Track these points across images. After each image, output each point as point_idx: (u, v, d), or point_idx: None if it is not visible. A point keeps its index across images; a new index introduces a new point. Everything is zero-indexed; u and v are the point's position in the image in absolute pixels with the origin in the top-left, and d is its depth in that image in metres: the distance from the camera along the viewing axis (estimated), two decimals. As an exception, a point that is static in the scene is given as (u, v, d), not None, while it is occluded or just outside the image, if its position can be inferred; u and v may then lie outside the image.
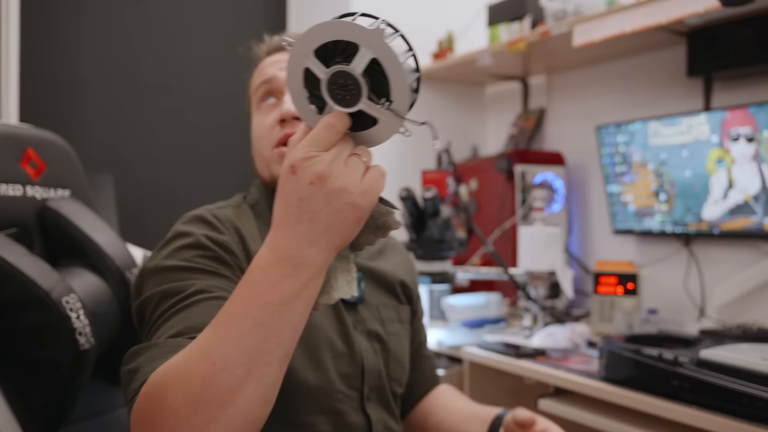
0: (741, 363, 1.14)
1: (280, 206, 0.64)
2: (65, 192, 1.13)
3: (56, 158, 1.12)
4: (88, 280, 1.05)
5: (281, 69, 1.02)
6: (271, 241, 0.64)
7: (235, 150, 2.77)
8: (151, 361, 0.71)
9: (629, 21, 1.76)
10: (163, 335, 0.77)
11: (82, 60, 2.49)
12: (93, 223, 1.11)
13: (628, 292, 1.83)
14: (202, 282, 0.83)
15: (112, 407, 1.13)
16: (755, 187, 1.79)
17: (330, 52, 0.64)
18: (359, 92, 0.63)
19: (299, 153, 0.62)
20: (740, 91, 1.93)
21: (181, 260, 0.86)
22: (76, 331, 0.95)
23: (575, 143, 2.44)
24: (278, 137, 0.99)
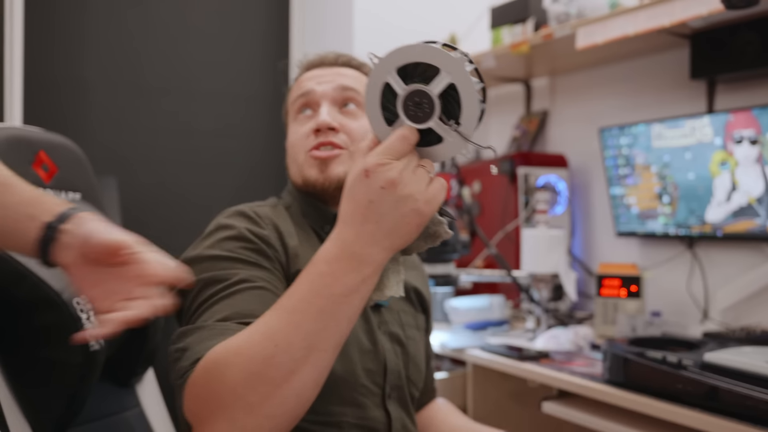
0: (745, 366, 1.14)
1: (350, 206, 0.69)
2: (76, 195, 1.14)
3: (67, 161, 1.14)
4: None
5: (318, 83, 1.06)
6: (337, 236, 0.70)
7: (237, 152, 2.77)
8: (201, 341, 0.76)
9: (632, 23, 1.76)
10: (209, 319, 0.80)
11: (85, 63, 2.49)
12: None
13: (632, 295, 1.83)
14: (244, 272, 0.87)
15: (120, 409, 1.13)
16: (759, 189, 1.79)
17: (410, 72, 0.71)
18: (432, 111, 0.70)
19: (374, 159, 0.68)
20: (744, 94, 1.93)
21: (224, 250, 0.90)
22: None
23: (578, 145, 2.44)
24: (312, 144, 1.03)
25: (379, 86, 0.72)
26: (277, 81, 2.82)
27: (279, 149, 2.88)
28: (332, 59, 1.11)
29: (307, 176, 1.03)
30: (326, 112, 1.03)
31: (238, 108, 2.79)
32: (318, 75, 1.08)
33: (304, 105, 1.07)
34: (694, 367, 1.21)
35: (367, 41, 2.61)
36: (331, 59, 1.11)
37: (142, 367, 1.16)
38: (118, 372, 1.12)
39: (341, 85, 1.05)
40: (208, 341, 0.75)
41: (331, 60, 1.10)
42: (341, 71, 1.09)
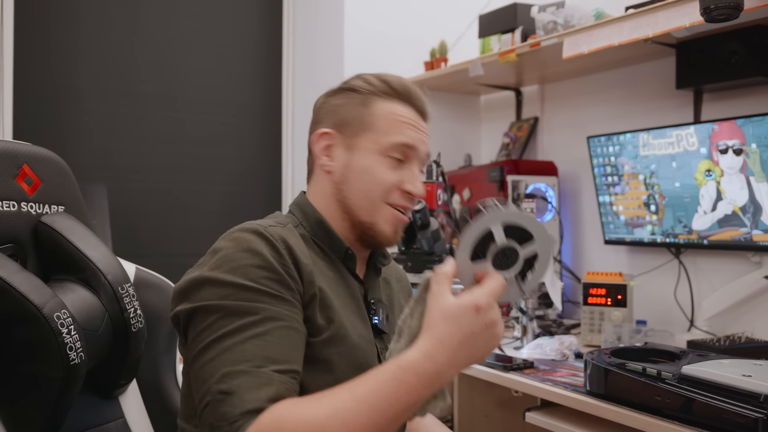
0: (722, 379, 1.15)
1: (452, 329, 0.80)
2: (60, 208, 1.14)
3: (51, 175, 1.13)
4: (80, 295, 1.06)
5: (422, 142, 1.05)
6: (431, 354, 0.79)
7: (228, 159, 2.78)
8: (249, 390, 0.78)
9: (617, 34, 1.77)
10: (243, 360, 0.81)
11: (77, 72, 2.50)
12: (86, 239, 1.12)
13: (617, 303, 1.84)
14: (270, 307, 0.87)
15: (103, 421, 1.13)
16: (743, 198, 1.80)
17: (510, 229, 0.86)
18: (512, 265, 0.87)
19: (486, 300, 0.81)
20: (730, 104, 1.94)
21: (248, 279, 0.87)
22: (66, 345, 0.96)
23: (567, 153, 2.45)
24: (398, 202, 1.03)
25: (483, 229, 0.85)
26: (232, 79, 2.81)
27: (269, 156, 2.91)
28: (427, 112, 1.09)
29: (381, 230, 1.03)
30: (420, 181, 1.05)
31: (229, 115, 2.80)
32: (417, 124, 1.05)
33: (401, 153, 1.03)
34: (673, 379, 1.22)
35: (357, 49, 2.62)
36: (426, 111, 1.09)
37: (125, 378, 1.16)
38: (101, 384, 1.12)
39: (428, 153, 1.08)
40: (257, 391, 0.78)
41: (426, 112, 1.09)
42: (428, 130, 1.09)
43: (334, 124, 1.05)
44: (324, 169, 1.05)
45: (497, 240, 0.85)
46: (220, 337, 0.84)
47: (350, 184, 1.02)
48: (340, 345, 0.95)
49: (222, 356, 0.82)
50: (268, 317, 0.85)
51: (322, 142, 1.05)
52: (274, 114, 2.90)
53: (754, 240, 1.79)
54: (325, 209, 1.04)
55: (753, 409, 1.07)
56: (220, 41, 2.78)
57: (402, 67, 2.68)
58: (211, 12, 2.76)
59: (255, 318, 0.85)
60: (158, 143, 2.65)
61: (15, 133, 2.30)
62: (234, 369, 0.80)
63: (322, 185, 1.05)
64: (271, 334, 0.84)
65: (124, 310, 1.09)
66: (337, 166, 1.04)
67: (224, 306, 0.86)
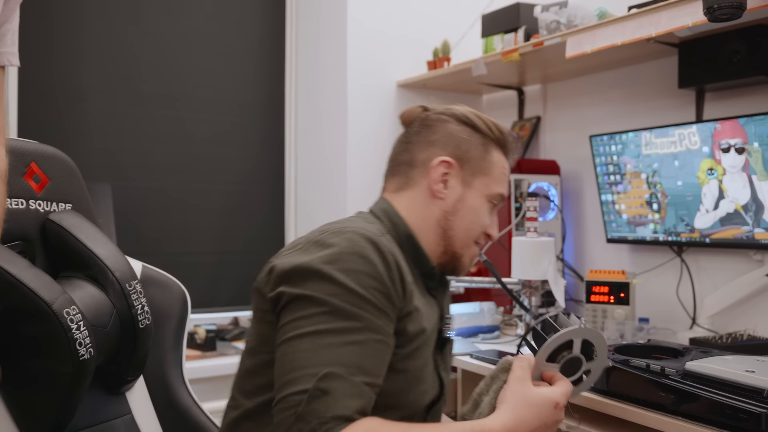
0: (725, 375, 1.16)
1: (531, 416, 0.95)
2: (67, 206, 1.15)
3: (59, 173, 1.15)
4: (89, 292, 1.07)
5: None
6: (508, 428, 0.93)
7: (232, 159, 2.80)
8: (344, 396, 0.85)
9: (620, 33, 1.78)
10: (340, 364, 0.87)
11: (82, 71, 2.51)
12: (94, 236, 1.13)
13: (620, 301, 1.85)
14: (372, 318, 0.91)
15: (111, 417, 1.14)
16: (745, 197, 1.81)
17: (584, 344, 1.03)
18: (574, 374, 1.04)
19: (563, 400, 0.98)
20: (732, 103, 1.95)
21: (359, 285, 0.91)
22: (76, 341, 0.97)
23: (570, 152, 2.46)
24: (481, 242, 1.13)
25: (567, 338, 1.00)
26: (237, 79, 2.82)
27: (272, 156, 2.92)
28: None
29: (464, 263, 1.12)
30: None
31: (233, 115, 2.81)
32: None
33: (499, 201, 1.13)
34: (677, 375, 1.23)
35: (360, 49, 2.63)
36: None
37: (133, 374, 1.17)
38: (109, 380, 1.13)
39: None
40: (350, 399, 0.85)
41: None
42: None
43: (456, 156, 1.09)
44: (436, 194, 1.08)
45: (574, 351, 1.01)
46: (320, 331, 0.88)
47: (458, 217, 1.09)
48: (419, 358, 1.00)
49: (320, 352, 0.87)
50: (369, 327, 0.90)
51: (442, 168, 1.08)
52: (277, 114, 2.92)
53: (756, 238, 1.80)
54: (419, 227, 1.08)
55: (757, 404, 1.09)
56: (223, 41, 2.79)
57: (405, 66, 2.70)
58: (214, 11, 2.77)
59: (357, 324, 0.89)
60: (161, 142, 2.66)
61: (19, 133, 2.31)
62: (334, 371, 0.85)
63: (426, 206, 1.09)
64: (368, 345, 0.89)
65: (132, 306, 1.11)
66: (451, 196, 1.09)
67: (331, 303, 0.89)
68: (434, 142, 1.10)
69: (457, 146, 1.09)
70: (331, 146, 2.72)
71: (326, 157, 2.76)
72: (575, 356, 1.00)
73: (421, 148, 1.10)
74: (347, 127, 2.59)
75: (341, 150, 2.63)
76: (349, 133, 2.60)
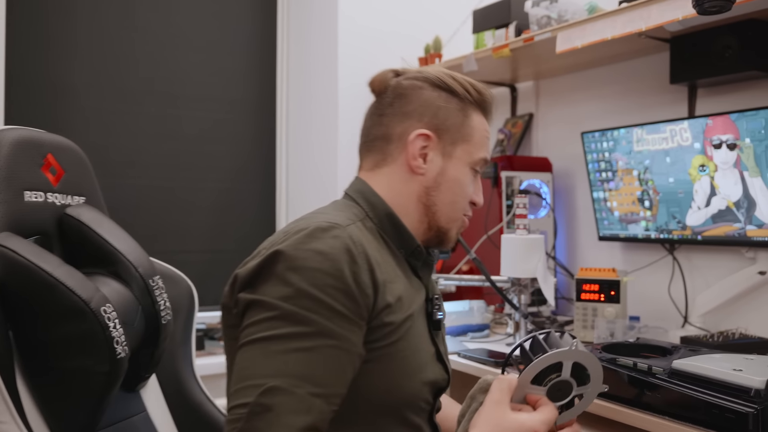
0: (713, 373, 1.14)
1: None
2: (81, 199, 1.12)
3: (73, 165, 1.12)
4: (115, 289, 1.05)
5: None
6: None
7: (223, 155, 2.77)
8: (288, 413, 0.78)
9: (610, 28, 1.76)
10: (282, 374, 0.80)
11: (71, 67, 2.49)
12: (113, 231, 1.11)
13: (610, 299, 1.83)
14: (325, 322, 0.84)
15: (128, 414, 1.13)
16: (737, 194, 1.79)
17: (575, 367, 0.92)
18: (562, 399, 0.93)
19: (543, 427, 0.87)
20: (725, 99, 1.93)
21: (312, 286, 0.84)
22: (114, 340, 0.96)
23: (562, 149, 2.44)
24: (468, 213, 1.08)
25: (556, 360, 0.90)
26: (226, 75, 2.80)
27: (264, 152, 2.90)
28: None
29: (452, 236, 1.07)
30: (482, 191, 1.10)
31: (224, 112, 2.79)
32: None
33: (481, 166, 1.07)
34: (663, 374, 1.21)
35: (351, 46, 2.61)
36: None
37: (150, 371, 1.16)
38: (128, 377, 1.11)
39: None
40: (294, 416, 0.78)
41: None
42: None
43: (434, 126, 1.02)
44: (416, 170, 1.02)
45: (563, 374, 0.91)
46: (267, 338, 0.82)
47: (441, 191, 1.03)
48: (407, 348, 0.95)
49: (265, 361, 0.81)
50: (321, 332, 0.83)
51: (420, 142, 1.02)
52: (269, 111, 2.89)
53: (748, 235, 1.78)
54: (399, 205, 1.02)
55: (743, 403, 1.06)
56: (214, 37, 2.77)
57: (397, 64, 2.67)
58: (205, 8, 2.75)
59: (307, 329, 0.82)
60: (152, 139, 2.64)
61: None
62: (277, 384, 0.79)
63: (406, 182, 1.02)
64: (318, 352, 0.82)
65: (156, 302, 1.10)
66: (431, 171, 1.02)
67: (280, 307, 0.83)
68: (409, 114, 1.02)
69: (434, 115, 1.02)
70: (321, 144, 2.70)
71: (317, 155, 2.74)
72: (564, 380, 0.91)
73: (396, 121, 1.03)
74: (338, 125, 2.57)
75: (332, 147, 2.61)
76: (339, 131, 2.58)
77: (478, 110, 1.05)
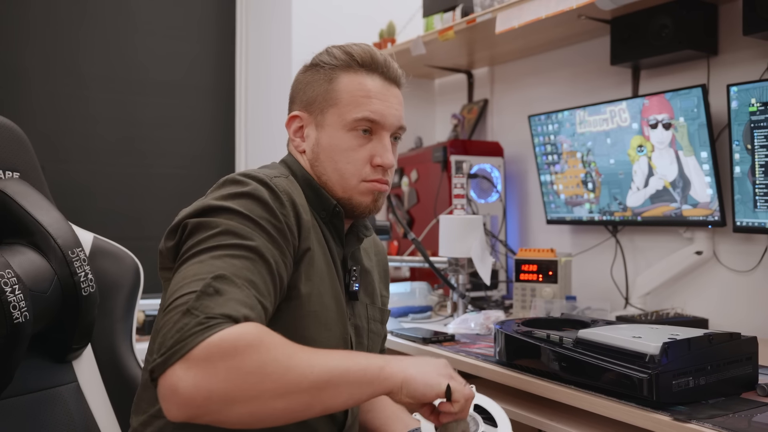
0: (612, 341, 1.13)
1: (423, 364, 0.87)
2: (15, 174, 1.15)
3: (7, 142, 1.15)
4: (29, 258, 1.07)
5: (387, 110, 1.04)
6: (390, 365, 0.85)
7: (179, 142, 2.77)
8: (236, 301, 0.79)
9: (544, 7, 1.76)
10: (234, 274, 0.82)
11: (23, 50, 2.48)
12: (37, 203, 1.13)
13: (548, 279, 1.83)
14: (266, 243, 0.88)
15: (54, 384, 1.14)
16: (673, 173, 1.79)
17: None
18: None
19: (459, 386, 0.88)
20: (665, 79, 1.93)
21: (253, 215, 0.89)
22: (10, 304, 0.97)
23: (516, 134, 2.44)
24: (370, 177, 1.05)
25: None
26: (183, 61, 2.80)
27: (222, 139, 2.89)
28: (397, 78, 1.07)
29: (359, 202, 1.05)
30: (391, 152, 1.06)
31: (180, 98, 2.79)
32: (383, 95, 1.04)
33: (366, 125, 1.03)
34: (570, 344, 1.21)
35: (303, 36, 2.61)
36: (396, 78, 1.07)
37: (78, 342, 1.17)
38: (54, 347, 1.14)
39: (401, 121, 1.07)
40: (242, 307, 0.79)
41: (396, 79, 1.07)
42: (399, 96, 1.08)
43: (304, 104, 1.07)
44: (298, 150, 1.07)
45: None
46: (213, 247, 0.85)
47: (321, 162, 1.05)
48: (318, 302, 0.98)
49: (213, 262, 0.83)
50: (261, 249, 0.87)
51: (294, 124, 1.08)
52: (228, 95, 2.89)
53: (684, 215, 1.78)
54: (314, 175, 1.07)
55: (638, 369, 1.06)
56: (171, 22, 2.76)
57: (353, 49, 2.67)
58: (161, -6, 2.74)
59: (251, 243, 0.86)
60: (107, 125, 2.63)
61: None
62: (227, 275, 0.81)
63: (301, 164, 1.07)
64: (260, 265, 0.86)
65: (74, 273, 1.11)
66: (309, 145, 1.06)
67: (225, 224, 0.87)
68: (291, 101, 1.10)
69: (302, 93, 1.07)
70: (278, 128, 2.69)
71: (274, 140, 2.73)
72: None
73: (289, 109, 1.11)
74: (292, 109, 2.57)
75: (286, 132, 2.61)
76: (294, 115, 2.58)
77: (348, 71, 1.05)
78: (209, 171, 2.85)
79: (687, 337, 1.09)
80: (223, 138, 2.89)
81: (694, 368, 1.07)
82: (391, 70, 1.07)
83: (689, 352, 1.07)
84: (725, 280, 1.78)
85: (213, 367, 0.73)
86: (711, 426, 0.96)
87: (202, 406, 0.73)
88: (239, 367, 0.74)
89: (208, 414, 0.74)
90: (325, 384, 0.78)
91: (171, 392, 0.73)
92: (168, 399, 0.74)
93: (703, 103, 1.67)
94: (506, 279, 2.29)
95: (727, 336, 1.14)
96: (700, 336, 1.10)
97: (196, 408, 0.73)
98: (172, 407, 0.73)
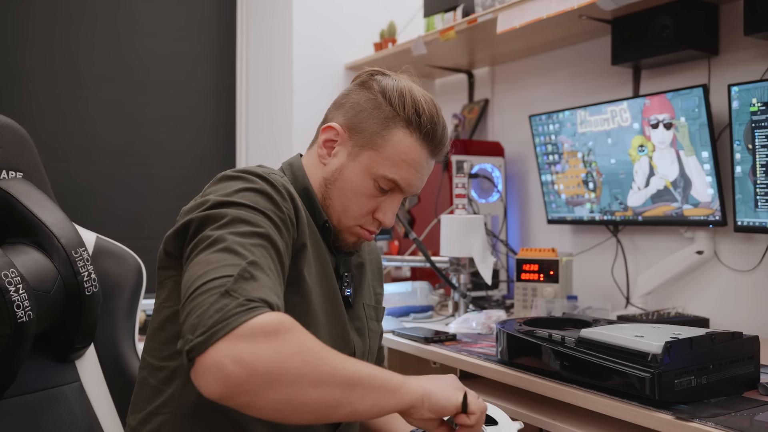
0: (614, 340, 1.13)
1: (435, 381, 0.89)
2: (18, 174, 1.15)
3: (10, 141, 1.15)
4: (32, 257, 1.07)
5: (416, 180, 1.04)
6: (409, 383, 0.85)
7: (180, 142, 2.77)
8: (269, 289, 0.80)
9: (546, 7, 1.76)
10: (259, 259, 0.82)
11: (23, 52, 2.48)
12: (41, 203, 1.13)
13: (549, 279, 1.83)
14: (273, 231, 0.88)
15: (57, 383, 1.14)
16: (674, 173, 1.79)
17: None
18: None
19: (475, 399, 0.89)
20: (666, 79, 1.93)
21: (258, 205, 0.89)
22: (14, 303, 0.97)
23: (516, 134, 2.44)
24: (366, 227, 1.06)
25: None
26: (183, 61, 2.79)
27: (223, 139, 2.89)
28: (441, 157, 1.08)
29: (344, 238, 1.06)
30: (394, 212, 1.07)
31: (181, 98, 2.79)
32: (421, 167, 1.04)
33: (388, 185, 1.03)
34: (572, 343, 1.21)
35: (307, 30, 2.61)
36: (441, 157, 1.08)
37: (82, 342, 1.17)
38: (57, 347, 1.14)
39: (420, 189, 1.08)
40: (274, 296, 0.79)
41: (440, 158, 1.08)
42: (432, 168, 1.08)
43: (350, 125, 1.04)
44: (320, 159, 1.06)
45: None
46: (232, 233, 0.84)
47: (335, 188, 1.04)
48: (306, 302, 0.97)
49: (238, 249, 0.82)
50: (270, 236, 0.87)
51: (328, 134, 1.05)
52: (228, 96, 2.89)
53: (685, 215, 1.78)
54: (313, 184, 1.06)
55: (641, 368, 1.07)
56: (171, 22, 2.76)
57: (354, 49, 2.67)
58: (162, -6, 2.74)
59: (260, 230, 0.86)
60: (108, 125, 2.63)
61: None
62: (262, 264, 0.81)
63: (315, 167, 1.07)
64: (270, 252, 0.86)
65: (78, 273, 1.11)
66: (333, 164, 1.05)
67: (236, 213, 0.87)
68: (341, 106, 1.06)
69: (355, 115, 1.04)
70: (278, 129, 2.70)
71: (274, 140, 2.74)
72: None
73: (332, 109, 1.08)
74: (293, 109, 2.57)
75: (287, 132, 2.61)
76: (294, 115, 2.58)
77: (407, 129, 1.02)
78: (210, 171, 2.83)
79: (689, 337, 1.09)
80: (223, 138, 2.89)
81: (696, 367, 1.07)
82: (442, 151, 1.07)
83: (691, 352, 1.08)
84: (726, 280, 1.78)
85: (259, 346, 0.73)
86: (713, 425, 0.96)
87: (244, 383, 0.72)
88: (281, 349, 0.74)
89: (246, 393, 0.73)
90: (356, 382, 0.78)
91: (215, 367, 0.72)
92: (210, 374, 0.72)
93: (704, 103, 1.67)
94: (507, 279, 2.29)
95: (729, 335, 1.14)
96: (702, 335, 1.11)
97: (237, 385, 0.72)
98: (212, 382, 0.72)
